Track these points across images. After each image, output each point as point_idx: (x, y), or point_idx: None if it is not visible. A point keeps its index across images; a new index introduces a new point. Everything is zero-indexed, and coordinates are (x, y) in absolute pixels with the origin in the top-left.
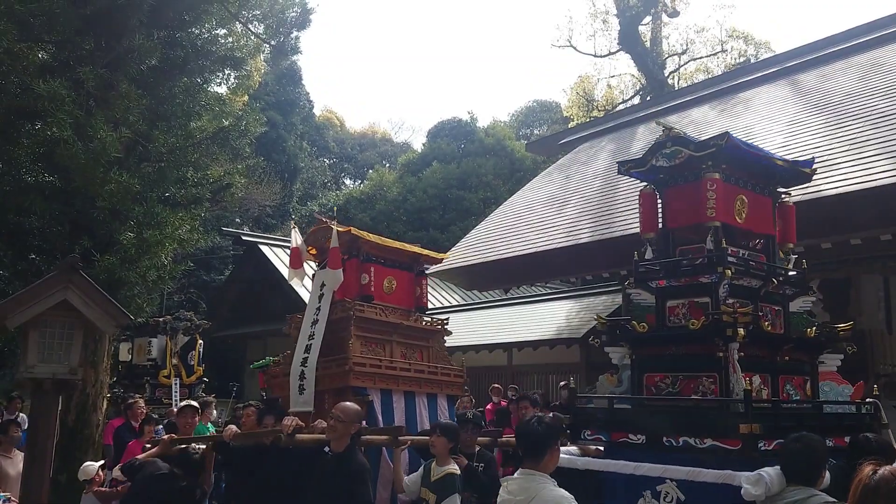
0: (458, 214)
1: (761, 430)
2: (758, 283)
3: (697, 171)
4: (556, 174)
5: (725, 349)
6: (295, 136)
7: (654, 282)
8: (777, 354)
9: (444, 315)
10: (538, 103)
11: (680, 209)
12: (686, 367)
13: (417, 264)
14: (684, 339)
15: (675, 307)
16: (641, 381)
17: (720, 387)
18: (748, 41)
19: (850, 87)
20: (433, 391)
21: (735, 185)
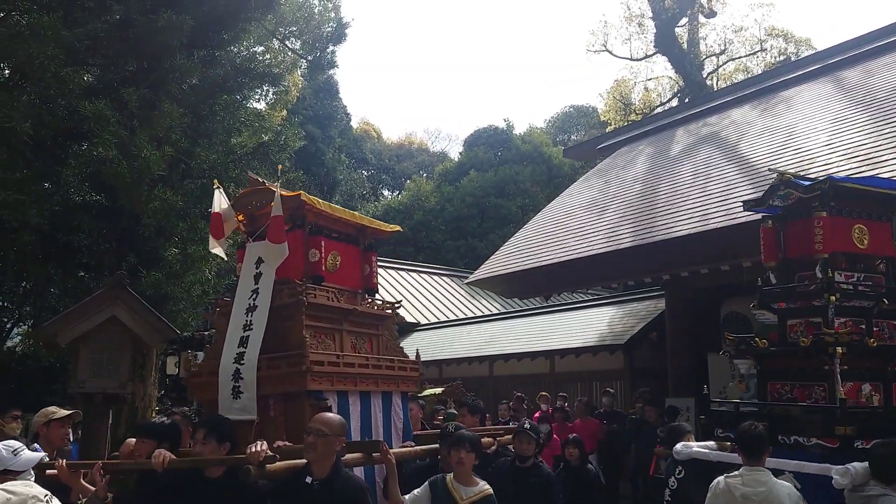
0: (496, 222)
1: (856, 432)
2: (870, 303)
3: (808, 209)
4: (594, 179)
5: (830, 363)
6: (333, 149)
7: (775, 304)
8: (888, 364)
9: (484, 324)
10: (574, 108)
11: (796, 241)
12: (800, 377)
13: (364, 237)
14: (798, 354)
15: (794, 325)
16: (765, 388)
17: (828, 394)
18: (788, 39)
19: (895, 81)
20: (388, 388)
21: (850, 217)
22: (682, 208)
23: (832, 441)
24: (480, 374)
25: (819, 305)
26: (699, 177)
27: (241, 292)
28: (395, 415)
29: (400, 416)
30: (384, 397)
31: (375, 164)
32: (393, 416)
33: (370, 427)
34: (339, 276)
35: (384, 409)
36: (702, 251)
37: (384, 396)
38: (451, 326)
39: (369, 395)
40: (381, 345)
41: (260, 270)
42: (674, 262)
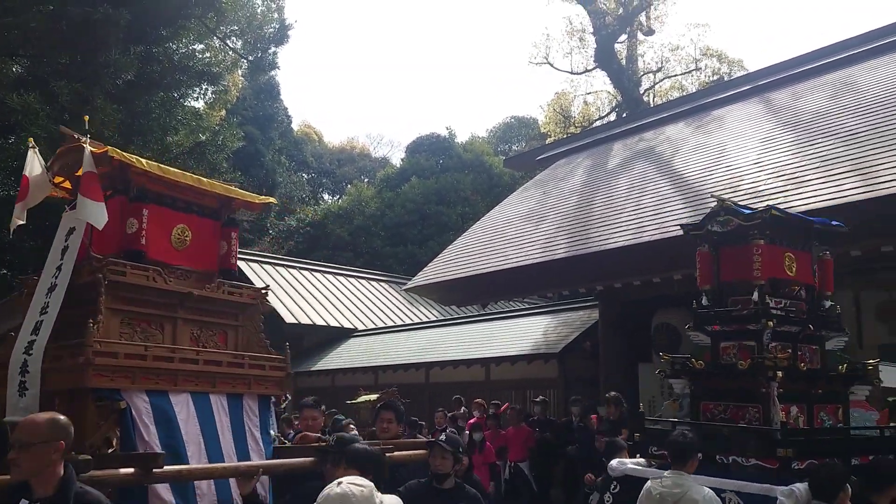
0: (436, 229)
1: (794, 454)
2: (797, 328)
3: (746, 236)
4: (533, 190)
5: (767, 386)
6: (273, 151)
7: (709, 326)
8: (812, 388)
9: (421, 331)
10: (516, 119)
11: (732, 266)
12: (735, 399)
13: (227, 209)
14: (734, 376)
15: (727, 348)
16: (698, 408)
17: (763, 416)
18: (722, 59)
19: (820, 105)
20: (237, 390)
21: (781, 246)
22: (616, 221)
23: (772, 462)
24: (416, 381)
25: (754, 329)
26: (634, 191)
27: (47, 270)
28: (249, 421)
29: (256, 423)
30: (231, 400)
31: (316, 168)
32: (247, 422)
33: (216, 435)
34: (188, 255)
35: (233, 415)
36: (635, 263)
37: (231, 399)
38: (387, 332)
39: (208, 398)
40: (241, 339)
41: (68, 243)
42: (608, 273)
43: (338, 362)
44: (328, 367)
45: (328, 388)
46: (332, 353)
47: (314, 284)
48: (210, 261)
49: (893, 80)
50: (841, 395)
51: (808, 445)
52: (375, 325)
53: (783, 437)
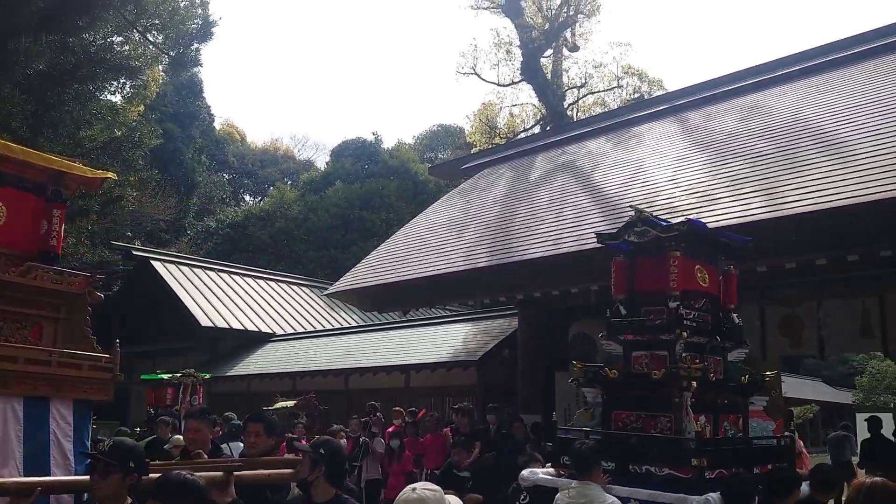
0: (360, 235)
1: (707, 463)
2: (705, 339)
3: (662, 247)
4: (457, 199)
5: (680, 396)
6: (193, 150)
7: (622, 335)
8: (718, 398)
9: (341, 336)
10: (442, 127)
11: (646, 277)
12: (648, 408)
13: (52, 182)
14: (647, 385)
15: (639, 357)
16: (610, 417)
17: (675, 425)
18: (642, 78)
19: (731, 127)
20: (43, 393)
21: (693, 259)
22: (537, 232)
23: (685, 471)
24: (335, 388)
25: (666, 339)
26: (555, 202)
27: None
28: (57, 430)
29: (68, 433)
30: (30, 405)
31: (238, 168)
32: (54, 431)
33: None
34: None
35: (30, 422)
36: (554, 273)
37: (30, 403)
38: (306, 338)
39: None
40: (62, 333)
41: None
42: (528, 282)
43: (254, 367)
44: (244, 373)
45: (244, 394)
46: (249, 357)
47: (232, 287)
48: (24, 241)
49: (799, 106)
50: (741, 406)
51: (719, 455)
52: (295, 329)
53: (697, 446)
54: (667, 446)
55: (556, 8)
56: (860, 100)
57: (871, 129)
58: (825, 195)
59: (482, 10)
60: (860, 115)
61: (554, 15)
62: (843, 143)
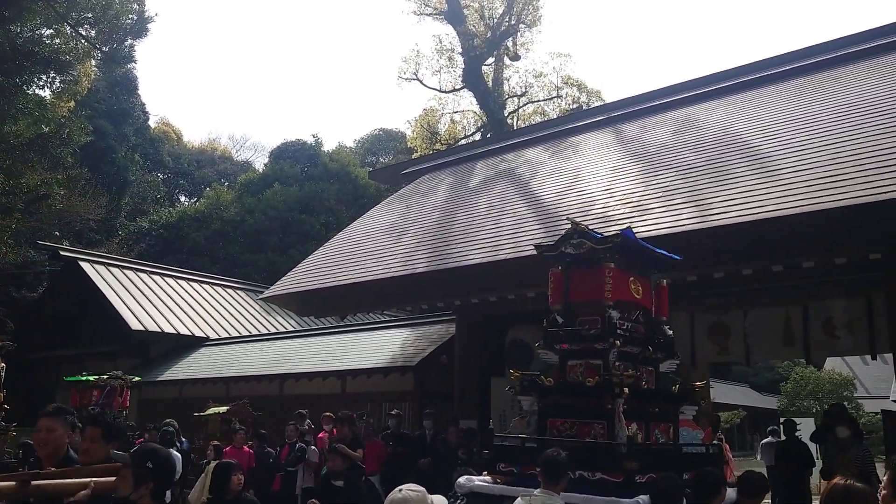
0: (298, 238)
1: (638, 467)
2: (637, 349)
3: (598, 259)
4: (396, 203)
5: (613, 403)
6: (126, 148)
7: (558, 344)
8: (650, 406)
9: (277, 341)
10: (384, 132)
11: (582, 288)
12: (581, 415)
13: None
14: (581, 393)
15: (574, 366)
16: (545, 425)
17: (608, 432)
18: (581, 89)
19: (664, 139)
20: None
21: (627, 271)
22: (475, 238)
23: (617, 476)
24: (270, 393)
25: (600, 349)
26: (493, 210)
27: None
28: None
29: None
30: None
31: (173, 168)
32: None
33: None
34: None
35: None
36: (491, 280)
37: None
38: (241, 342)
39: None
40: None
41: None
42: (465, 288)
43: (187, 372)
44: (176, 377)
45: (175, 400)
46: (182, 362)
47: (165, 290)
48: None
49: (728, 120)
50: (672, 415)
51: (650, 460)
52: (229, 334)
53: (629, 450)
54: (599, 451)
55: (499, 17)
56: (786, 116)
57: (795, 144)
58: (752, 207)
59: (425, 16)
60: (786, 131)
61: (496, 24)
62: (769, 157)
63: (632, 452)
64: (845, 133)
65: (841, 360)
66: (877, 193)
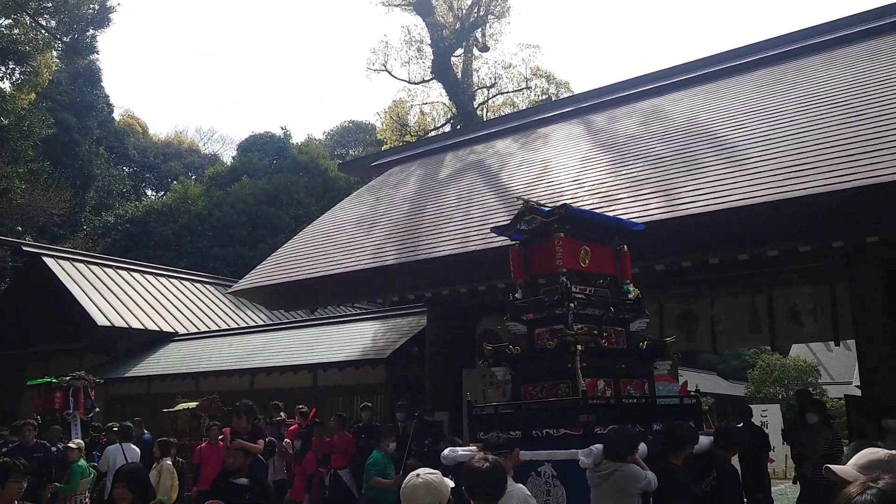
0: (267, 231)
1: (597, 420)
2: (600, 311)
3: (549, 232)
4: (366, 196)
5: (573, 361)
6: (90, 141)
7: (524, 315)
8: (616, 363)
9: (246, 335)
10: (354, 124)
11: (539, 260)
12: (549, 377)
13: None
14: (546, 357)
15: (541, 333)
16: (519, 392)
17: (572, 390)
18: (550, 80)
19: (633, 130)
20: None
21: (580, 240)
22: (445, 230)
23: (577, 429)
24: (240, 388)
25: (560, 314)
26: (462, 201)
27: None
28: None
29: None
30: None
31: (139, 161)
32: None
33: None
34: None
35: None
36: (462, 271)
37: None
38: (210, 337)
39: None
40: None
41: None
42: (436, 280)
43: (155, 368)
44: (144, 373)
45: (144, 396)
46: (150, 358)
47: (132, 285)
48: None
49: (695, 111)
50: (645, 371)
51: (610, 412)
52: (198, 328)
53: (583, 404)
54: (558, 408)
55: (467, 8)
56: (751, 106)
57: (761, 134)
58: (719, 197)
59: (394, 6)
60: (751, 121)
61: (465, 15)
62: (736, 147)
63: (586, 406)
64: (809, 123)
65: (806, 346)
66: (839, 182)
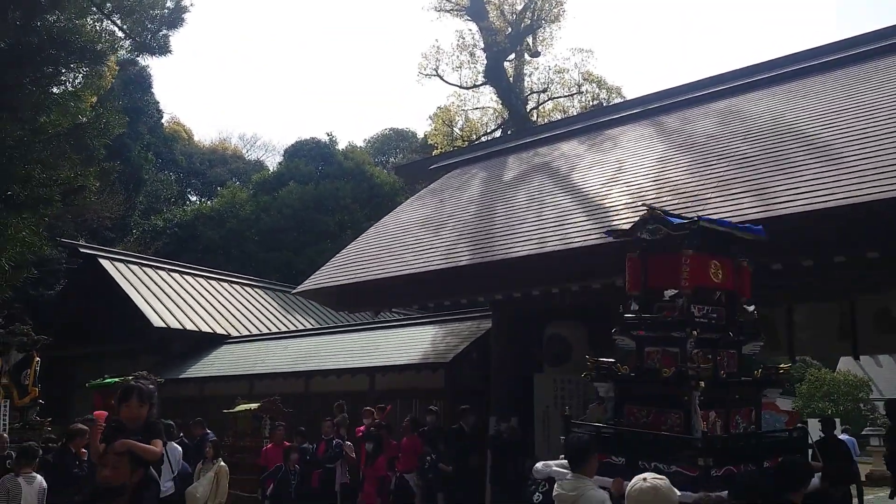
0: (313, 237)
1: (713, 462)
2: (717, 335)
3: (675, 244)
4: (428, 198)
5: (689, 395)
6: (140, 146)
7: (635, 331)
8: (730, 394)
9: (301, 339)
10: (395, 132)
11: (660, 273)
12: (657, 404)
13: None
14: (657, 382)
15: (652, 353)
16: (622, 411)
17: (683, 422)
18: (601, 86)
19: (711, 130)
20: None
21: (706, 254)
22: (518, 231)
23: (692, 469)
24: (296, 391)
25: (677, 337)
26: (534, 202)
27: None
28: None
29: None
30: None
31: (185, 167)
32: None
33: None
34: None
35: None
36: (536, 273)
37: None
38: (264, 340)
39: None
40: None
41: None
42: (508, 282)
43: (210, 370)
44: (198, 375)
45: (197, 397)
46: (204, 360)
47: (184, 287)
48: None
49: (778, 110)
50: (754, 399)
51: (726, 452)
52: (250, 331)
53: (704, 446)
54: (674, 444)
55: (518, 13)
56: (840, 105)
57: (856, 132)
58: (817, 197)
59: (444, 12)
60: (843, 119)
61: (516, 19)
62: (829, 146)
63: (706, 448)
64: None
65: (853, 361)
66: None
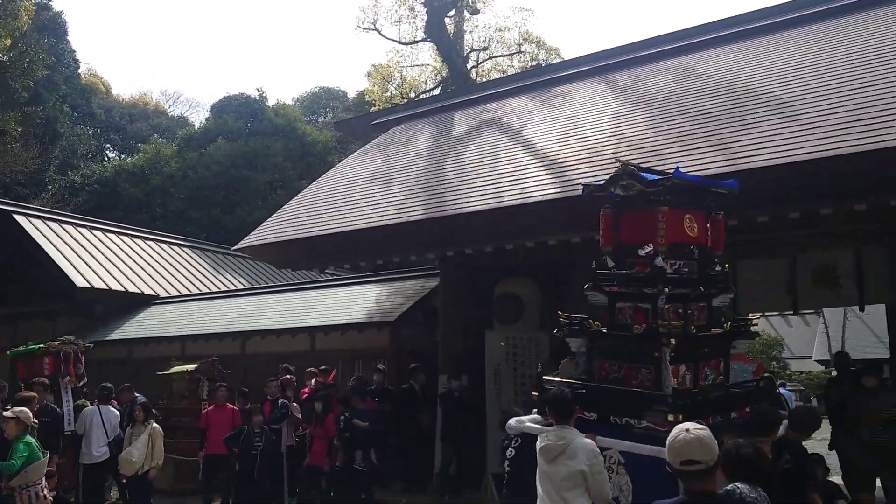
0: (243, 195)
1: (682, 418)
2: (689, 289)
3: (648, 201)
4: (374, 153)
5: (659, 351)
6: (56, 97)
7: (607, 287)
8: (700, 347)
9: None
10: (324, 90)
11: (634, 229)
12: (629, 359)
13: None
14: (629, 338)
15: (623, 308)
16: (593, 366)
17: (654, 377)
18: (541, 46)
19: (667, 87)
20: None
21: (680, 209)
22: (472, 186)
23: (662, 425)
24: (231, 352)
25: (649, 293)
26: (487, 157)
27: None
28: None
29: None
30: None
31: (104, 122)
32: None
33: None
34: None
35: None
36: (491, 229)
37: None
38: (196, 300)
39: None
40: None
41: None
42: (461, 238)
43: (138, 331)
44: (126, 336)
45: (126, 360)
46: (131, 321)
47: (108, 246)
48: None
49: (734, 69)
50: (723, 351)
51: (696, 408)
52: (179, 292)
53: (673, 401)
54: (645, 400)
55: None
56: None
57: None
58: (779, 151)
59: None
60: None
61: None
62: (789, 103)
63: (676, 403)
64: (864, 79)
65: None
66: None
